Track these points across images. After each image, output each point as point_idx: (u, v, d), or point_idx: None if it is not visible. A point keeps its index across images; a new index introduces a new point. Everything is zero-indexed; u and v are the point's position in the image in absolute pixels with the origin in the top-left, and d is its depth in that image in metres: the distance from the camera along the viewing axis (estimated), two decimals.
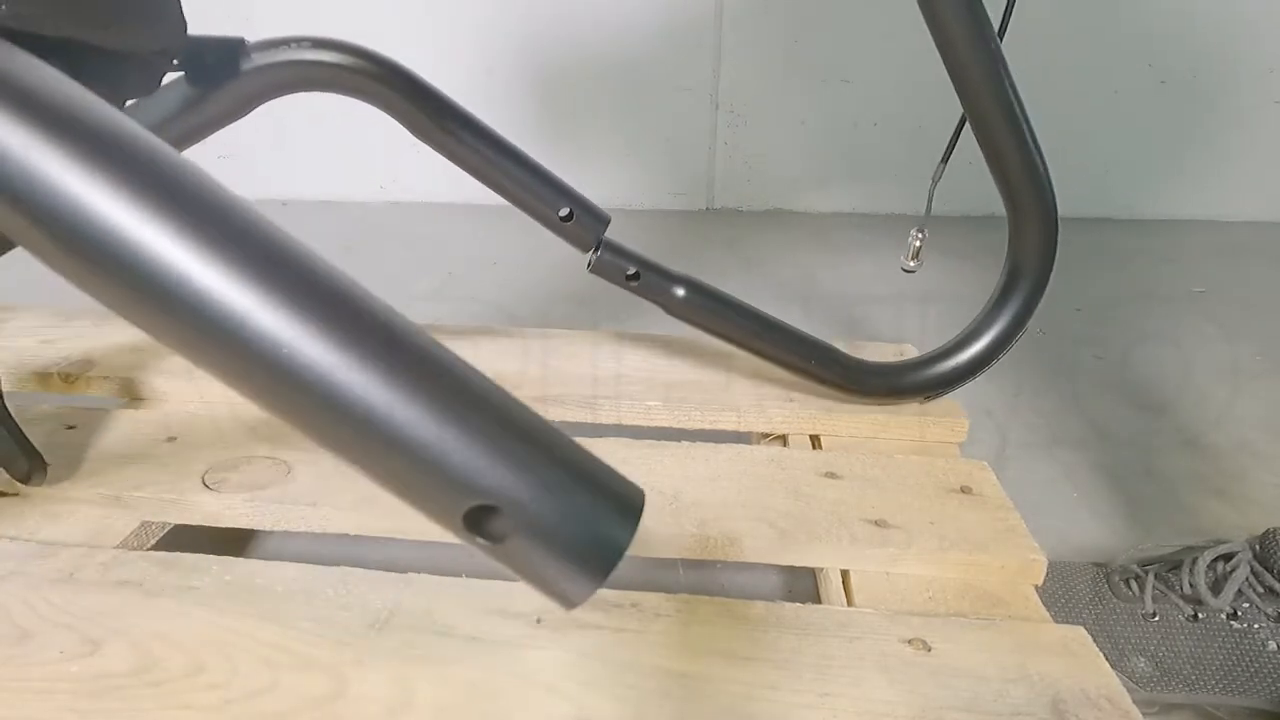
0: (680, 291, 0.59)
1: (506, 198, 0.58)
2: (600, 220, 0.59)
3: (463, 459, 0.19)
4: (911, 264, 0.66)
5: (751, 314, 0.60)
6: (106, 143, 0.19)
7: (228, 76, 0.50)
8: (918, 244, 0.66)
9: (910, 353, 0.73)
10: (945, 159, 0.63)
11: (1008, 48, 0.55)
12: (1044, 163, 0.59)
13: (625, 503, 0.22)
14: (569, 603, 0.21)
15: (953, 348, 0.64)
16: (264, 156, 1.76)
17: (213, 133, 0.53)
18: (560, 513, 0.20)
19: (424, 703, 0.38)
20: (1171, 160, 1.68)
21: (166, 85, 0.50)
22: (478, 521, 0.20)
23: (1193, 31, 1.59)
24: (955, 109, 0.63)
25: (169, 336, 0.19)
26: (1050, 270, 0.62)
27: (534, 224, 0.59)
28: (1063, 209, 0.61)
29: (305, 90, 0.54)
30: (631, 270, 0.58)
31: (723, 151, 1.73)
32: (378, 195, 1.79)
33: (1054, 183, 0.59)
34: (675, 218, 1.70)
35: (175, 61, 0.48)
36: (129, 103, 0.48)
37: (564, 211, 0.58)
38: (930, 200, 0.64)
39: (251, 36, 0.52)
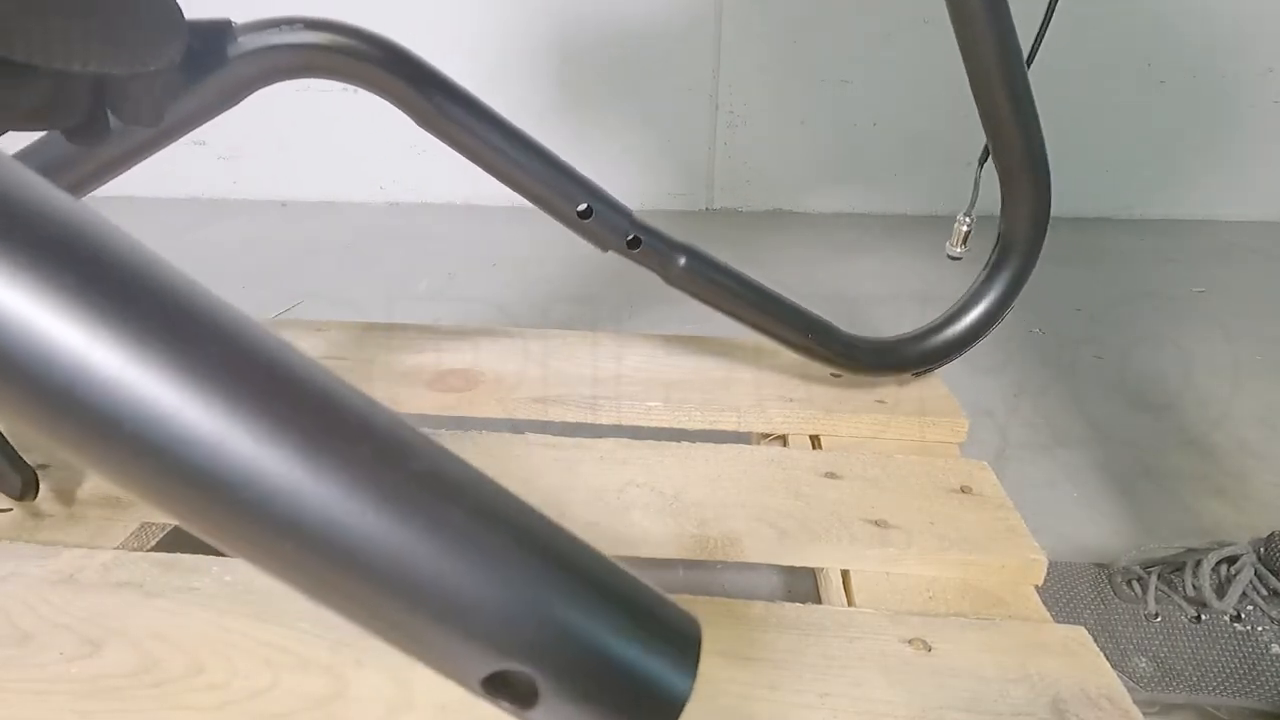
0: (682, 260, 0.58)
1: (519, 192, 0.55)
2: (622, 216, 0.56)
3: (479, 615, 0.15)
4: (959, 250, 0.66)
5: (752, 287, 0.60)
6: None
7: (216, 64, 0.47)
8: (965, 229, 0.65)
9: None
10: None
11: None
12: (1039, 130, 0.59)
13: (680, 641, 0.17)
14: None
15: (945, 321, 0.65)
16: (264, 157, 1.76)
17: (201, 124, 0.49)
18: (601, 668, 0.16)
19: (424, 703, 0.38)
20: (1171, 160, 1.68)
21: None
22: (501, 683, 0.16)
23: (1192, 31, 1.59)
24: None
25: (91, 454, 0.15)
26: (1042, 240, 0.62)
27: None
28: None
29: (300, 77, 0.50)
30: (631, 235, 0.56)
31: (723, 151, 1.73)
32: (378, 195, 1.79)
33: (1052, 171, 0.59)
34: (675, 218, 1.70)
35: None
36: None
37: (582, 207, 0.55)
38: (976, 184, 0.64)
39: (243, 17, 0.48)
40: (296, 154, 1.76)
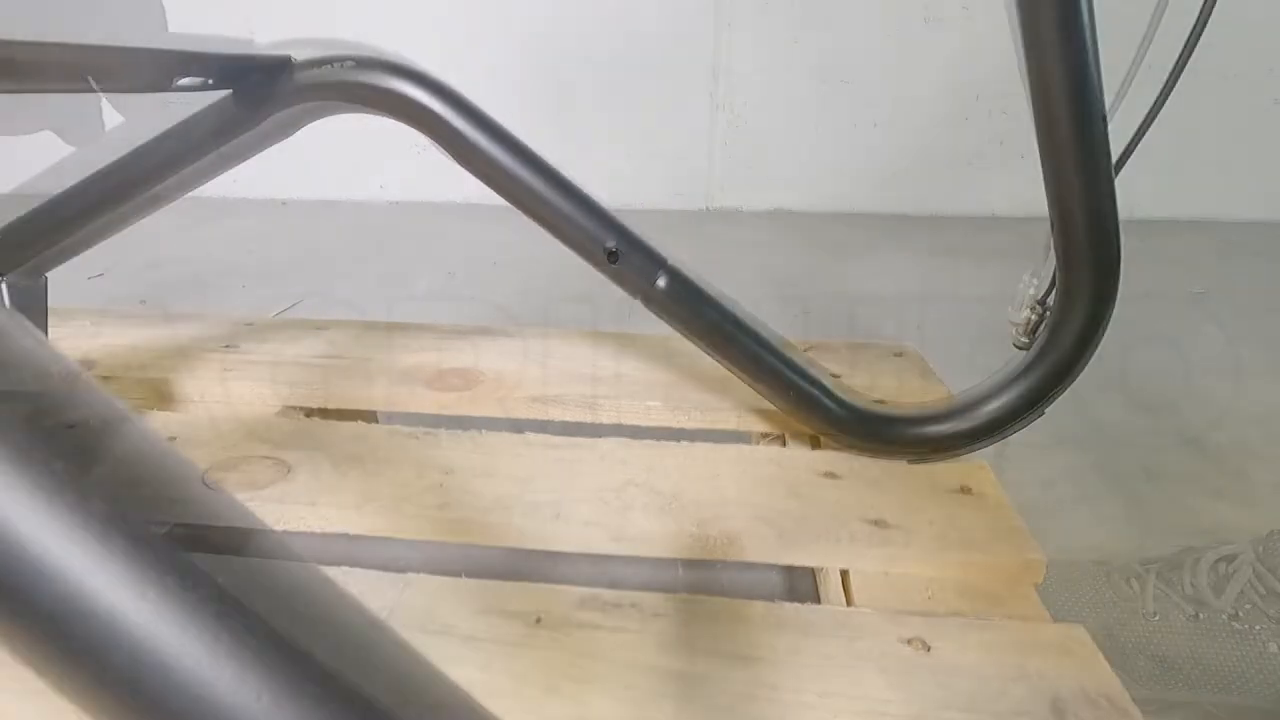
0: (663, 282, 0.55)
1: (553, 233, 0.56)
2: (655, 262, 0.55)
3: None
4: (1024, 340, 0.54)
5: (741, 327, 0.56)
6: None
7: (273, 97, 0.50)
8: (1031, 291, 0.52)
9: (910, 353, 0.73)
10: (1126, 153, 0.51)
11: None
12: (1113, 201, 0.51)
13: None
14: None
15: (967, 404, 0.55)
16: (264, 156, 1.76)
17: (254, 154, 0.52)
18: None
19: None
20: (1172, 160, 1.68)
21: (211, 105, 0.50)
22: None
23: None
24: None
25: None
26: (1099, 335, 0.52)
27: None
28: None
29: (351, 111, 0.53)
30: (611, 245, 0.53)
31: (723, 151, 1.73)
32: (378, 195, 1.79)
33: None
34: (675, 217, 1.70)
35: (213, 81, 0.47)
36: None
37: (611, 246, 0.54)
38: (1049, 252, 0.54)
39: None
40: (296, 154, 1.76)
